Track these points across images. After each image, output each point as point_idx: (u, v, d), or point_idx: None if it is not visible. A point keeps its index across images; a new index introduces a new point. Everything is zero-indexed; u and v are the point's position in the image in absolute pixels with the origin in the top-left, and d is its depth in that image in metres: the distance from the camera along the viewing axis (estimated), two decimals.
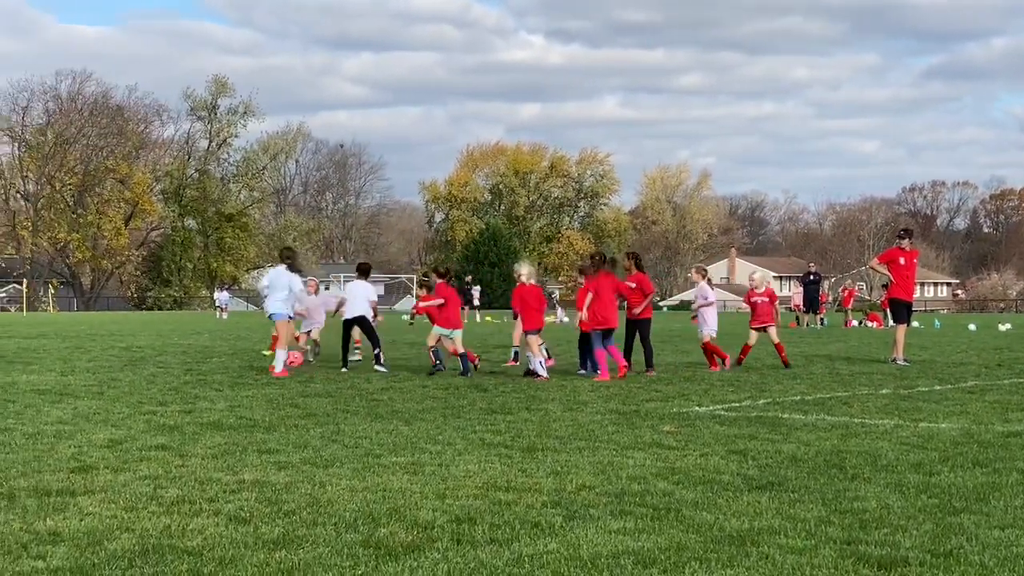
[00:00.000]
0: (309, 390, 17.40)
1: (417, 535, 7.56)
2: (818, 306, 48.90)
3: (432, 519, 8.03)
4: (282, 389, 17.50)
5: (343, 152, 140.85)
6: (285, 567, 6.76)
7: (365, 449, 11.29)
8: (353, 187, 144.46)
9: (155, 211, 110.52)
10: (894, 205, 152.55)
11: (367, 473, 9.92)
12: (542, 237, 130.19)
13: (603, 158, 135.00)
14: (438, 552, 7.13)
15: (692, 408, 15.14)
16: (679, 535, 7.59)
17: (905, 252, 24.00)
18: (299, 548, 7.21)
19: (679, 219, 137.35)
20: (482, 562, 6.89)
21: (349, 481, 9.51)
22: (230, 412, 14.40)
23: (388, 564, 6.85)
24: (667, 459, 10.74)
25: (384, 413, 14.39)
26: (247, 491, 9.04)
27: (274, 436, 12.22)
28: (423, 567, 6.78)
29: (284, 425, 13.13)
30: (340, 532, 7.65)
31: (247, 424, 13.22)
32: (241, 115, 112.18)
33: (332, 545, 7.29)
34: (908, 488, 9.27)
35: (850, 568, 6.78)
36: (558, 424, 13.34)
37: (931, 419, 13.93)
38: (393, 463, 10.44)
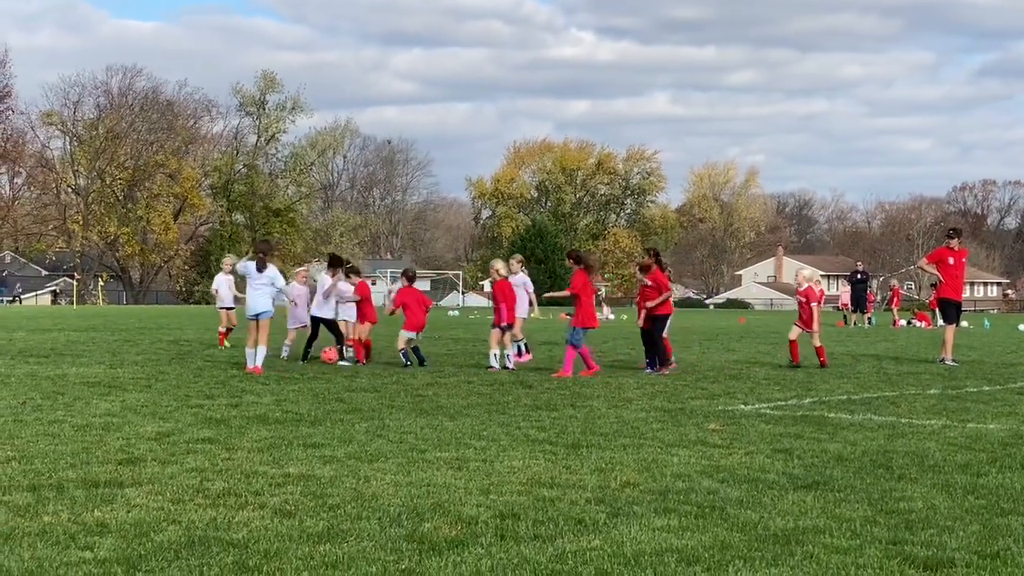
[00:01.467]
0: (355, 385, 17.47)
1: (461, 530, 7.58)
2: (866, 305, 48.55)
3: (476, 514, 8.05)
4: (328, 384, 17.58)
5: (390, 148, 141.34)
6: (329, 560, 6.80)
7: (410, 444, 11.33)
8: (400, 183, 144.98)
9: (203, 206, 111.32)
10: (944, 204, 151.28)
11: (411, 468, 9.95)
12: (588, 234, 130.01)
13: (650, 155, 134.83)
14: (481, 547, 7.15)
15: (737, 406, 15.08)
16: (723, 533, 7.57)
17: (954, 252, 23.79)
18: (343, 542, 7.24)
19: (726, 217, 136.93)
20: (525, 558, 6.90)
21: (393, 476, 9.54)
22: (276, 406, 14.48)
23: (431, 559, 6.87)
24: (712, 457, 10.70)
25: (429, 408, 14.43)
26: (292, 484, 9.09)
27: (319, 430, 12.28)
28: (466, 562, 6.80)
29: (329, 420, 13.20)
30: (384, 526, 7.68)
31: (293, 418, 13.30)
32: (289, 111, 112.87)
33: (376, 539, 7.32)
34: (955, 489, 9.19)
35: (895, 568, 6.73)
36: (603, 421, 13.33)
37: (979, 420, 13.81)
38: (437, 458, 10.47)
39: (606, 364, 21.98)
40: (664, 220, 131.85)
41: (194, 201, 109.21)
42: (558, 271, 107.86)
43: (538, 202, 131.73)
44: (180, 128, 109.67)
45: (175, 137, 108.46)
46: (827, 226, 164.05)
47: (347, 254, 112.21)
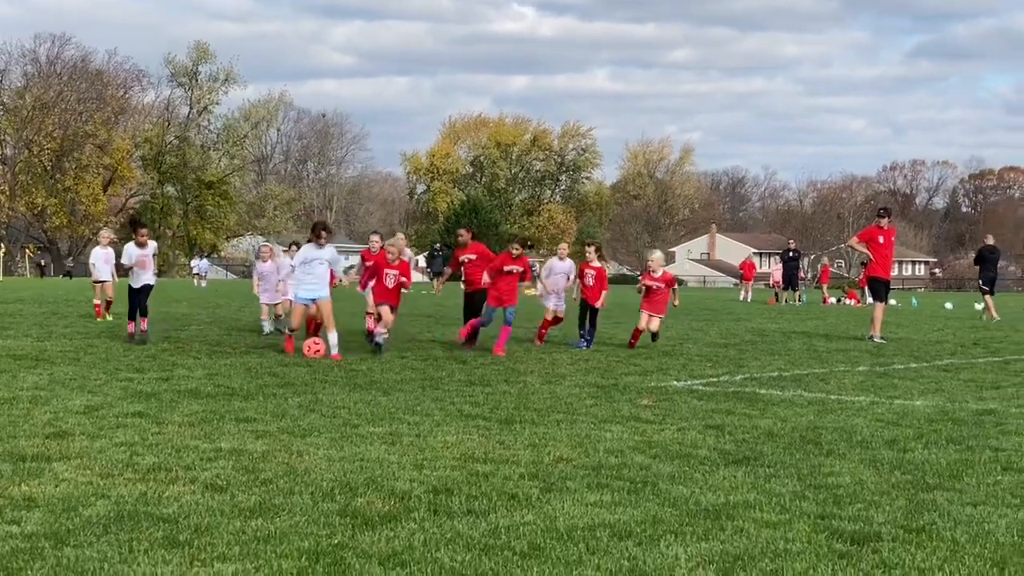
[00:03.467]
0: (288, 359, 17.38)
1: (394, 505, 7.58)
2: (797, 283, 49.02)
3: (409, 489, 8.05)
4: (261, 358, 17.47)
5: (325, 121, 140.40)
6: (261, 535, 6.77)
7: (343, 419, 11.30)
8: (335, 157, 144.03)
9: (134, 178, 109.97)
10: (874, 183, 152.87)
11: (345, 443, 9.93)
12: (523, 210, 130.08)
13: (586, 132, 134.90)
14: (415, 522, 7.15)
15: (670, 383, 15.18)
16: (655, 508, 7.63)
17: (884, 230, 24.07)
18: (275, 517, 7.22)
19: (660, 194, 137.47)
20: (459, 532, 6.91)
21: (327, 451, 9.52)
22: (208, 380, 14.38)
23: (364, 533, 6.86)
24: (644, 433, 10.78)
25: (363, 383, 14.39)
26: (224, 459, 9.04)
27: (252, 405, 12.21)
28: (399, 537, 6.80)
29: (262, 394, 13.13)
30: (317, 501, 7.66)
31: (225, 392, 13.21)
32: (222, 82, 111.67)
33: (309, 514, 7.30)
34: (882, 464, 9.33)
35: (823, 543, 6.82)
36: (536, 397, 13.37)
37: (906, 396, 14.01)
38: (371, 433, 10.46)
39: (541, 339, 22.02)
40: (599, 196, 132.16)
41: (124, 173, 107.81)
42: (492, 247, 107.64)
43: (473, 177, 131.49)
44: (110, 98, 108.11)
45: (105, 107, 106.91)
46: (760, 204, 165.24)
47: (281, 227, 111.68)
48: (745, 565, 6.34)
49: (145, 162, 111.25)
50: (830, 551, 6.64)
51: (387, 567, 6.21)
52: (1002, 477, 8.88)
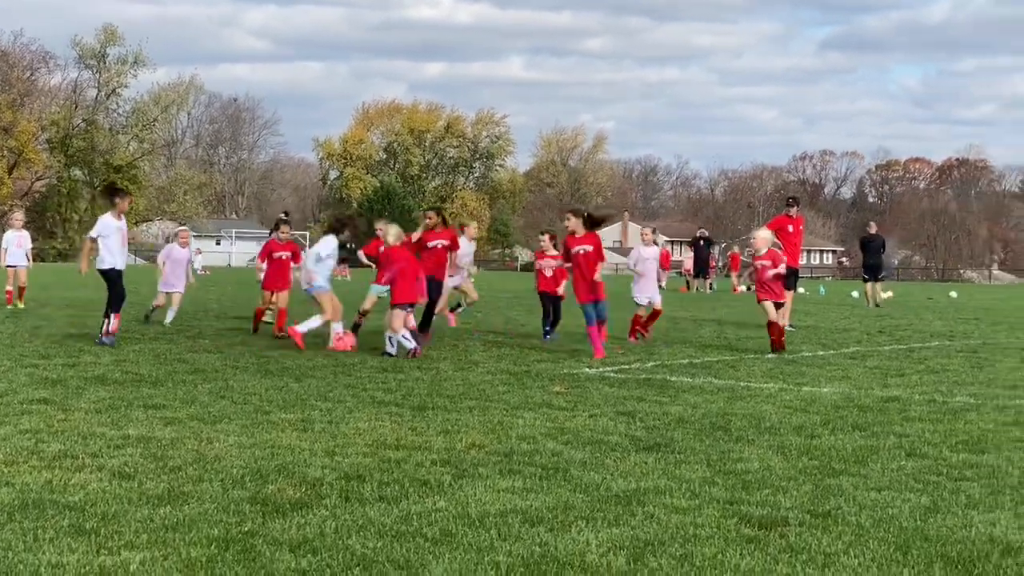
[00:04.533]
0: (198, 346, 17.20)
1: (305, 492, 7.54)
2: (707, 271, 49.48)
3: (321, 476, 8.02)
4: (170, 344, 17.27)
5: (236, 106, 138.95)
6: (170, 523, 6.70)
7: (254, 406, 11.21)
8: (246, 142, 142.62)
9: (40, 161, 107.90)
10: (784, 173, 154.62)
11: (256, 430, 9.85)
12: (436, 197, 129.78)
13: (499, 119, 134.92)
14: (326, 509, 7.12)
15: (582, 370, 15.26)
16: (566, 494, 7.67)
17: (792, 219, 24.38)
18: (184, 504, 7.15)
19: (573, 182, 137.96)
20: (370, 519, 6.90)
21: (237, 437, 9.44)
22: (116, 366, 14.19)
23: (275, 521, 6.82)
24: (556, 419, 10.82)
25: (274, 370, 14.29)
26: (132, 446, 8.93)
27: (161, 391, 12.07)
28: (310, 524, 6.77)
29: (171, 380, 12.98)
30: (227, 488, 7.59)
31: (133, 379, 13.05)
32: (131, 65, 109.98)
33: (218, 501, 7.24)
34: (790, 450, 9.46)
35: (732, 528, 6.90)
36: (449, 383, 13.37)
37: (814, 383, 14.21)
38: (282, 420, 10.39)
39: (448, 327, 22.00)
40: (512, 184, 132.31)
41: (30, 156, 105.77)
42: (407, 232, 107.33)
43: (386, 164, 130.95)
44: (16, 80, 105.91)
45: (10, 89, 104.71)
46: (672, 192, 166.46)
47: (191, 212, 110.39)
48: (655, 550, 6.39)
49: (51, 145, 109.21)
50: (739, 536, 6.73)
51: (298, 554, 6.18)
52: (906, 463, 9.05)
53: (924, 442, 9.98)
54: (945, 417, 11.49)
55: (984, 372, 16.04)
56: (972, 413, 11.83)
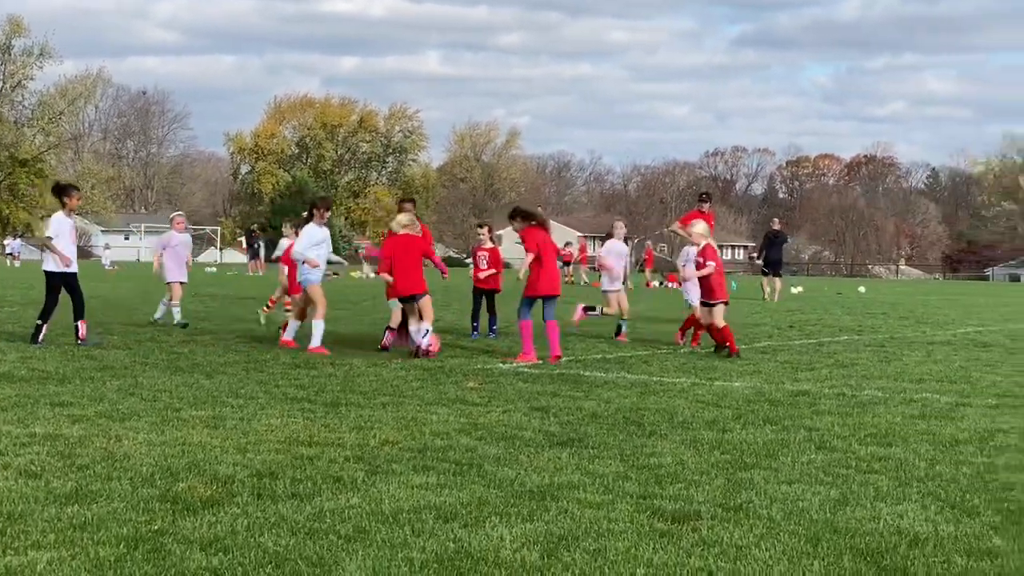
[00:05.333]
0: (105, 342, 16.94)
1: (216, 490, 7.46)
2: None
3: (232, 473, 7.93)
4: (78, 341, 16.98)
5: (145, 99, 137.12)
6: (77, 522, 6.58)
7: (164, 403, 11.07)
8: (156, 136, 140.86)
9: None
10: (696, 169, 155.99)
11: (166, 427, 9.73)
12: (349, 192, 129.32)
13: (412, 114, 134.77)
14: (238, 507, 7.05)
15: (496, 365, 15.26)
16: (480, 490, 7.66)
17: (704, 215, 24.57)
18: (92, 503, 7.03)
19: (487, 177, 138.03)
20: (283, 517, 6.84)
21: (147, 435, 9.31)
22: (21, 363, 13.93)
23: (186, 519, 6.74)
24: (470, 415, 10.81)
25: (184, 366, 14.12)
26: (38, 444, 8.77)
27: (68, 389, 11.87)
28: (222, 522, 6.69)
29: (79, 377, 12.77)
30: (136, 486, 7.48)
31: (39, 376, 12.82)
32: (37, 57, 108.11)
33: (128, 500, 7.13)
34: (702, 444, 9.53)
35: (645, 522, 6.94)
36: (362, 379, 13.30)
37: (725, 378, 14.35)
38: (193, 417, 10.27)
39: (367, 324, 21.92)
40: (425, 179, 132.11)
41: None
42: None
43: (299, 158, 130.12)
44: None
45: None
46: (585, 188, 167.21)
47: (99, 207, 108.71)
48: (569, 545, 6.41)
49: None
50: (651, 530, 6.76)
51: (209, 553, 6.11)
52: (815, 456, 9.16)
53: (833, 435, 10.11)
54: (854, 411, 11.66)
55: (892, 366, 16.31)
56: (880, 406, 12.01)
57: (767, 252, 37.79)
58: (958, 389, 13.67)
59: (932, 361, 17.15)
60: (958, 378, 14.86)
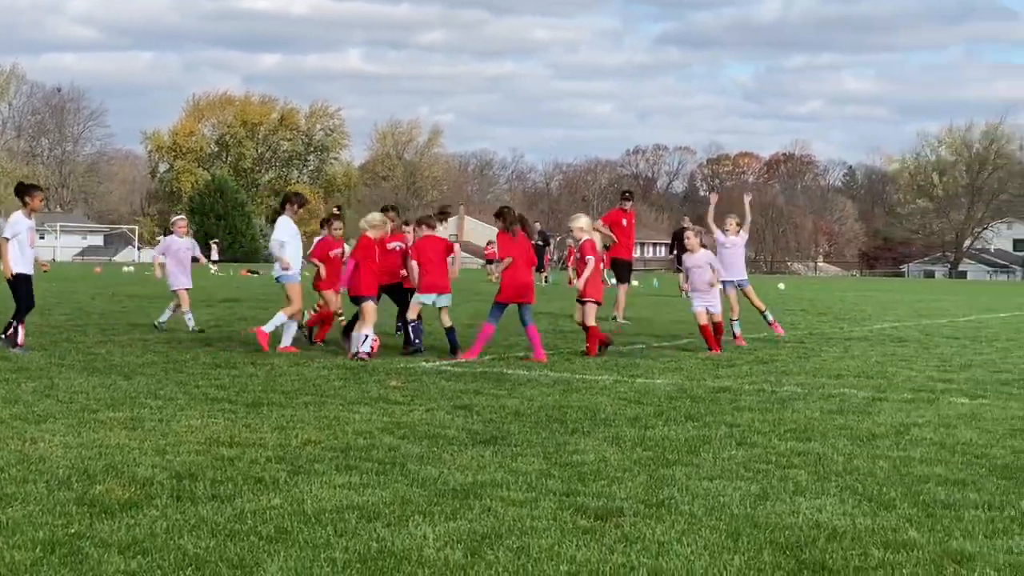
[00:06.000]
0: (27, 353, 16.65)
1: (135, 492, 7.37)
2: (543, 264, 49.91)
3: (151, 475, 7.84)
4: None
5: (60, 96, 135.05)
6: None
7: (81, 404, 10.91)
8: (71, 133, 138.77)
9: None
10: (618, 167, 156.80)
11: (83, 429, 9.59)
12: (270, 190, 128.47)
13: (334, 112, 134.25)
14: (157, 509, 6.96)
15: (419, 363, 15.23)
16: (404, 489, 7.64)
17: (626, 213, 24.74)
18: (7, 507, 6.91)
19: (409, 175, 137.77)
20: (203, 518, 6.77)
21: (63, 437, 9.17)
22: None
23: (103, 522, 6.64)
24: (393, 414, 10.78)
25: (102, 367, 13.93)
26: None
27: None
28: (140, 524, 6.61)
29: None
30: (52, 489, 7.37)
31: None
32: None
33: (43, 503, 7.02)
34: (625, 441, 9.58)
35: (568, 519, 6.96)
36: (284, 379, 13.21)
37: (647, 375, 14.43)
38: (111, 418, 10.13)
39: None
40: (347, 178, 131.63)
41: None
42: (238, 226, 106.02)
43: (218, 156, 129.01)
44: None
45: None
46: (508, 186, 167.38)
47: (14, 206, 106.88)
48: (492, 543, 6.41)
49: None
50: (575, 527, 6.78)
51: (127, 556, 6.03)
52: (736, 452, 9.24)
53: (754, 431, 10.21)
54: (774, 406, 11.78)
55: (810, 362, 16.50)
56: (799, 402, 12.15)
57: (678, 250, 38.17)
58: (875, 384, 13.87)
59: (850, 357, 17.38)
60: (875, 373, 15.08)
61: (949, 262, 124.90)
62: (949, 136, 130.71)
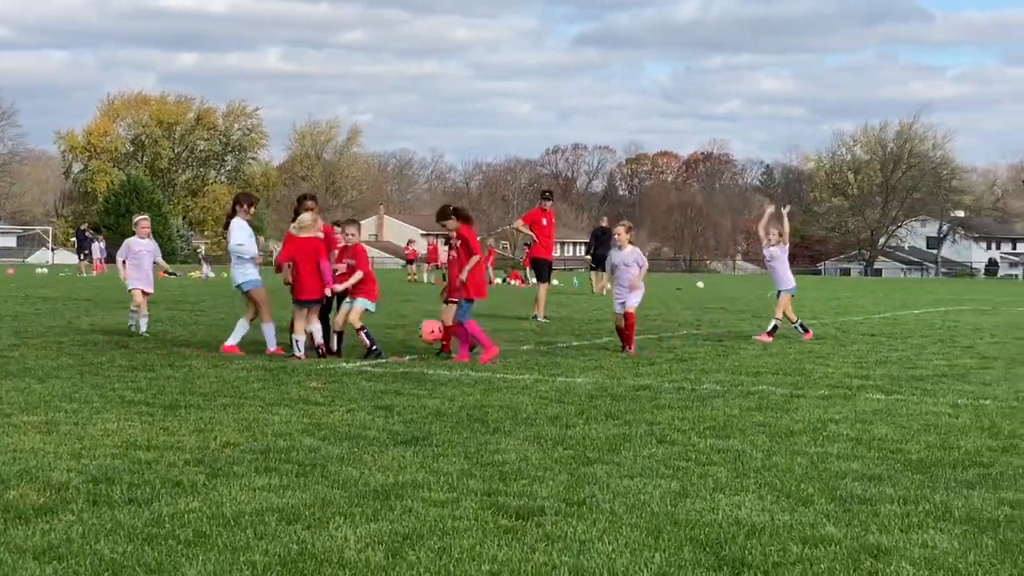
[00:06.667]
0: None
1: (50, 497, 7.25)
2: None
3: (67, 480, 7.72)
4: None
5: None
6: None
7: None
8: None
9: None
10: (538, 166, 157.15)
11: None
12: (187, 190, 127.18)
13: (252, 111, 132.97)
14: (72, 514, 6.86)
15: (339, 364, 15.15)
16: (324, 490, 7.59)
17: (546, 212, 24.80)
18: None
19: (328, 175, 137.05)
20: (120, 523, 6.68)
21: None
22: None
23: (17, 528, 6.53)
24: (313, 415, 10.71)
25: (15, 370, 13.70)
26: None
27: None
28: (56, 529, 6.51)
29: None
30: None
31: None
32: None
33: None
34: (546, 440, 9.60)
35: (489, 519, 6.96)
36: (202, 381, 13.07)
37: (568, 374, 14.47)
38: (25, 423, 9.96)
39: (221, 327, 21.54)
40: (265, 178, 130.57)
41: None
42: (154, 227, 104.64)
43: (134, 156, 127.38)
44: None
45: None
46: (427, 186, 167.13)
47: None
48: (414, 544, 6.39)
49: None
50: (496, 527, 6.78)
51: (42, 561, 5.93)
52: (656, 449, 9.30)
53: (674, 429, 10.28)
54: (693, 404, 11.87)
55: (729, 360, 16.65)
56: (718, 400, 12.25)
57: (595, 249, 38.39)
58: (792, 381, 14.02)
59: (768, 354, 17.56)
60: (792, 370, 15.25)
61: (865, 260, 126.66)
62: (864, 135, 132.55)
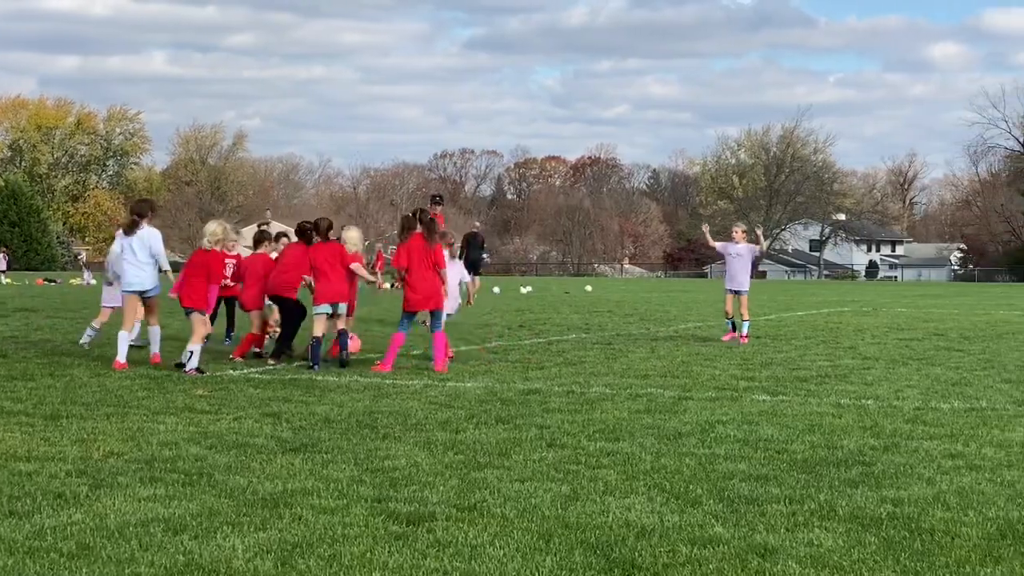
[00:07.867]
0: None
1: None
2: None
3: None
4: None
5: None
6: None
7: None
8: None
9: None
10: (426, 171, 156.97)
11: None
12: (68, 196, 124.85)
13: (133, 116, 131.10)
14: None
15: (226, 371, 14.96)
16: (211, 500, 7.49)
17: (436, 217, 24.75)
18: None
19: (213, 180, 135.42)
20: (0, 536, 6.52)
21: None
22: None
23: None
24: (200, 423, 10.57)
25: None
26: None
27: None
28: None
29: None
30: None
31: None
32: None
33: None
34: (436, 446, 9.58)
35: (380, 525, 6.92)
36: (84, 390, 12.82)
37: (458, 379, 14.46)
38: None
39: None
40: (148, 183, 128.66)
41: None
42: (33, 233, 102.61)
43: (12, 161, 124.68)
44: None
45: None
46: (314, 191, 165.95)
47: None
48: (303, 552, 6.33)
49: None
50: (387, 533, 6.75)
51: None
52: (547, 453, 9.33)
53: (564, 432, 10.32)
54: (583, 407, 11.93)
55: (618, 363, 16.77)
56: (608, 403, 12.33)
57: (467, 253, 38.46)
58: (680, 383, 14.17)
59: (656, 357, 17.73)
60: (680, 373, 15.41)
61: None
62: (748, 140, 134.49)
